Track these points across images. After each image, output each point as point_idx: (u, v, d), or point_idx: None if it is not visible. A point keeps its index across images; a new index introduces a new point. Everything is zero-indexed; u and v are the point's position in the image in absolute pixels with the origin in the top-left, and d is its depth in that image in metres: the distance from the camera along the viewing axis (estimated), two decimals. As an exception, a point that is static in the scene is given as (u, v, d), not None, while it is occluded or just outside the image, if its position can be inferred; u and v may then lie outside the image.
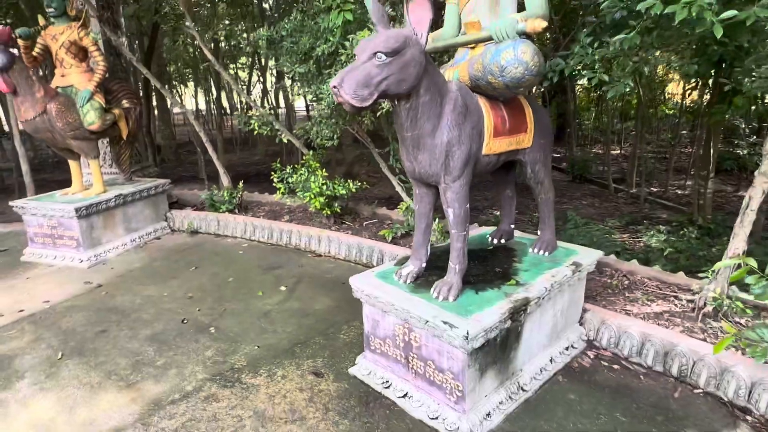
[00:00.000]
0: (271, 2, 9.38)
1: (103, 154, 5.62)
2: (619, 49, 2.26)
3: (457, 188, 2.23)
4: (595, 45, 2.45)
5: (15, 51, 4.16)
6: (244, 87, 15.50)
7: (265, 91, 13.74)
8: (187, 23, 4.85)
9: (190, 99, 21.82)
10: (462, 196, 2.25)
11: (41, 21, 4.60)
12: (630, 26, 2.16)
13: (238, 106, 14.63)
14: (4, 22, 11.72)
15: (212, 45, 9.74)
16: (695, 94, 10.18)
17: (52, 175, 10.77)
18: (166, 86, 14.51)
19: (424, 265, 2.55)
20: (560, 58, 2.75)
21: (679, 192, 9.58)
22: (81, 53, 4.56)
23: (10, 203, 4.70)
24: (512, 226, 3.15)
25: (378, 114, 3.71)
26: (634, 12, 2.21)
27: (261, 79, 13.11)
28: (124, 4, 6.20)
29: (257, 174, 11.39)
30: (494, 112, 2.34)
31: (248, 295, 3.78)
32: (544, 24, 2.03)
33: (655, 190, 9.69)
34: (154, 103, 11.65)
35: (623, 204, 8.76)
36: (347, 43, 3.16)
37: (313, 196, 4.44)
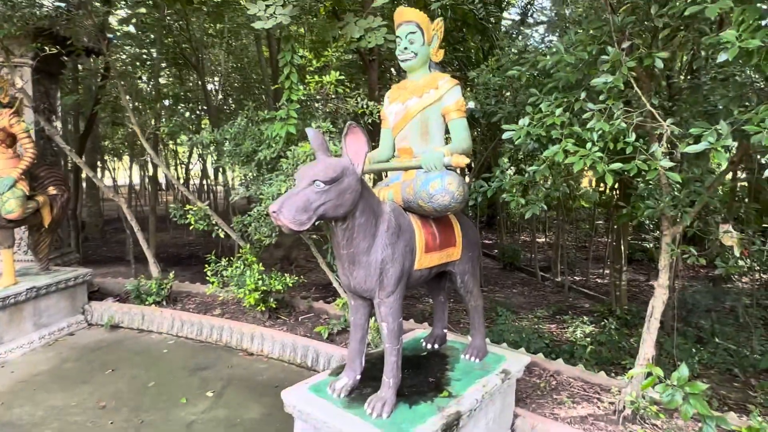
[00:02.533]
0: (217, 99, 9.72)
1: (18, 240, 5.23)
2: (532, 177, 2.57)
3: (390, 303, 2.31)
4: (512, 171, 2.78)
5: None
6: (183, 164, 15.30)
7: (204, 171, 13.63)
8: (130, 121, 4.88)
9: (123, 173, 21.13)
10: (395, 311, 2.33)
11: (-31, 106, 4.43)
12: (540, 159, 2.48)
13: (174, 182, 14.40)
14: None
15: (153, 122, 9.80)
16: (607, 189, 11.42)
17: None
18: (99, 159, 13.99)
19: (358, 377, 2.54)
20: (483, 180, 3.05)
21: (599, 281, 10.31)
22: (9, 139, 4.40)
23: None
24: (445, 330, 3.24)
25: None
26: (544, 147, 2.55)
27: (201, 158, 13.08)
28: (63, 93, 6.15)
29: (190, 255, 10.97)
30: (425, 230, 2.51)
31: (170, 403, 3.50)
32: (467, 161, 2.29)
33: (577, 278, 10.37)
34: (83, 175, 11.20)
35: (550, 292, 9.26)
36: (289, 153, 3.33)
37: (247, 292, 4.35)
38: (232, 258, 4.81)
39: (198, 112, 11.94)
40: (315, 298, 5.47)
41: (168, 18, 6.06)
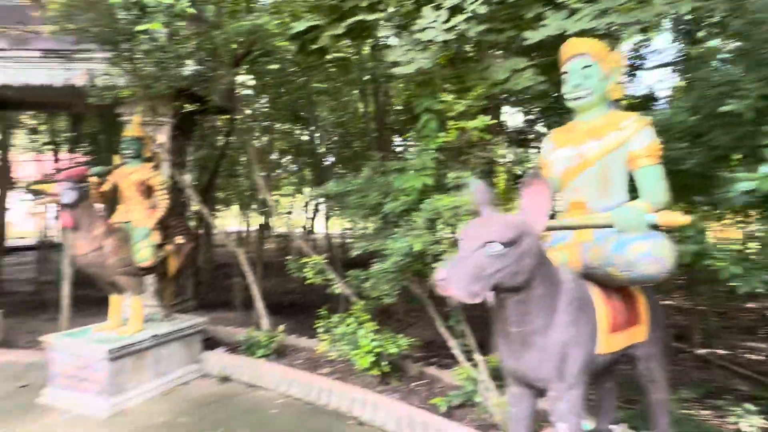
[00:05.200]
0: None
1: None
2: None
3: (572, 399, 1.82)
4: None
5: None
6: (289, 211, 15.99)
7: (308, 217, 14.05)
8: (255, 174, 5.02)
9: (231, 220, 22.74)
10: (578, 409, 1.82)
11: (116, 160, 4.82)
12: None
13: (292, 235, 15.05)
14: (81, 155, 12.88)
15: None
16: None
17: (88, 291, 10.69)
18: (213, 209, 15.12)
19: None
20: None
21: (753, 357, 8.59)
22: (147, 191, 4.67)
23: (39, 339, 4.45)
24: (611, 427, 2.60)
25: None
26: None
27: (306, 206, 13.59)
28: (193, 148, 6.64)
29: (291, 305, 11.08)
30: (608, 303, 2.01)
31: (282, 478, 3.18)
32: (685, 220, 1.79)
33: (721, 352, 8.75)
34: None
35: (691, 367, 7.84)
36: (424, 206, 3.04)
37: (362, 354, 4.02)
38: (342, 315, 4.56)
39: (299, 165, 12.50)
40: (417, 359, 5.02)
41: (290, 75, 6.37)
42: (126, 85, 4.38)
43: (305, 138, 11.45)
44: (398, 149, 11.55)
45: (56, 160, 12.06)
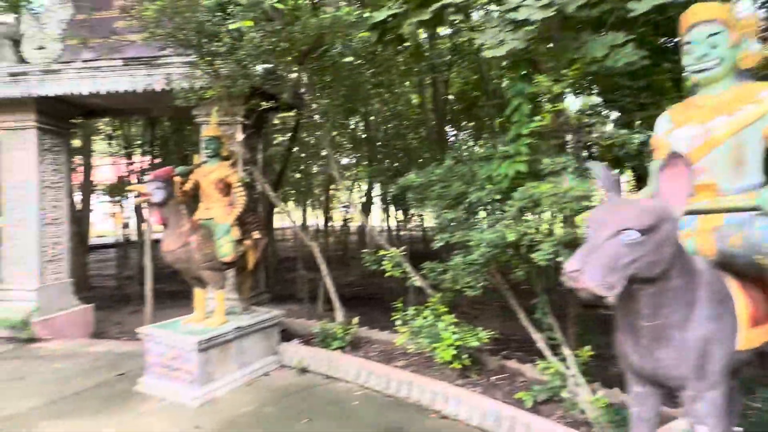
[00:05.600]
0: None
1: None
2: None
3: (713, 399, 1.67)
4: None
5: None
6: (347, 205, 16.18)
7: (367, 208, 14.12)
8: (333, 167, 5.08)
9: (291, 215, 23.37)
10: (721, 411, 1.67)
11: (196, 159, 5.01)
12: None
13: (368, 227, 15.21)
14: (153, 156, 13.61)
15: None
16: None
17: (165, 285, 11.33)
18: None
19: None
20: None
21: None
22: (226, 189, 4.83)
23: (137, 330, 4.72)
24: (735, 429, 2.39)
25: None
26: None
27: (364, 197, 13.71)
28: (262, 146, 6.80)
29: (353, 297, 11.20)
30: (747, 295, 1.82)
31: (372, 470, 3.19)
32: None
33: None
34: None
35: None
36: (517, 194, 2.91)
37: (444, 348, 3.95)
38: (418, 307, 4.52)
39: (352, 158, 12.57)
40: (492, 352, 4.89)
41: (356, 69, 6.37)
42: (208, 86, 4.54)
43: (359, 132, 11.51)
44: (457, 140, 11.36)
45: (130, 164, 12.82)
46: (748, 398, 3.17)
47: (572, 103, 2.90)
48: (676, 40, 2.88)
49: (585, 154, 2.98)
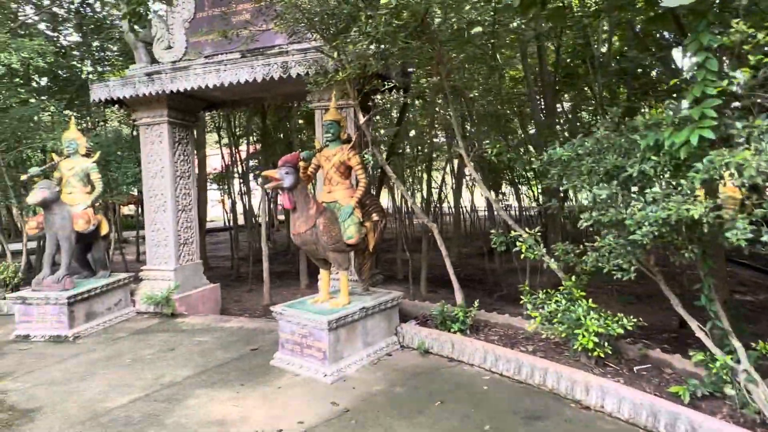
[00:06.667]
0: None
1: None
2: None
3: None
4: None
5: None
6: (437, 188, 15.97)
7: (458, 189, 13.82)
8: (460, 146, 4.97)
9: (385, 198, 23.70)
10: None
11: (317, 144, 5.12)
12: None
13: (496, 207, 15.13)
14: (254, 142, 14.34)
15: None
16: None
17: (274, 267, 12.00)
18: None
19: None
20: None
21: None
22: (347, 172, 4.89)
23: (271, 308, 4.99)
24: None
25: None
26: None
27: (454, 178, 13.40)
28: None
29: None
30: None
31: (520, 459, 3.07)
32: None
33: None
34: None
35: None
36: (701, 165, 2.55)
37: (585, 334, 3.69)
38: (550, 291, 4.27)
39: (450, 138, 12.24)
40: (630, 340, 4.49)
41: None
42: (337, 69, 4.60)
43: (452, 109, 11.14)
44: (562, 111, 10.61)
45: (236, 153, 13.67)
46: None
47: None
48: None
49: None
